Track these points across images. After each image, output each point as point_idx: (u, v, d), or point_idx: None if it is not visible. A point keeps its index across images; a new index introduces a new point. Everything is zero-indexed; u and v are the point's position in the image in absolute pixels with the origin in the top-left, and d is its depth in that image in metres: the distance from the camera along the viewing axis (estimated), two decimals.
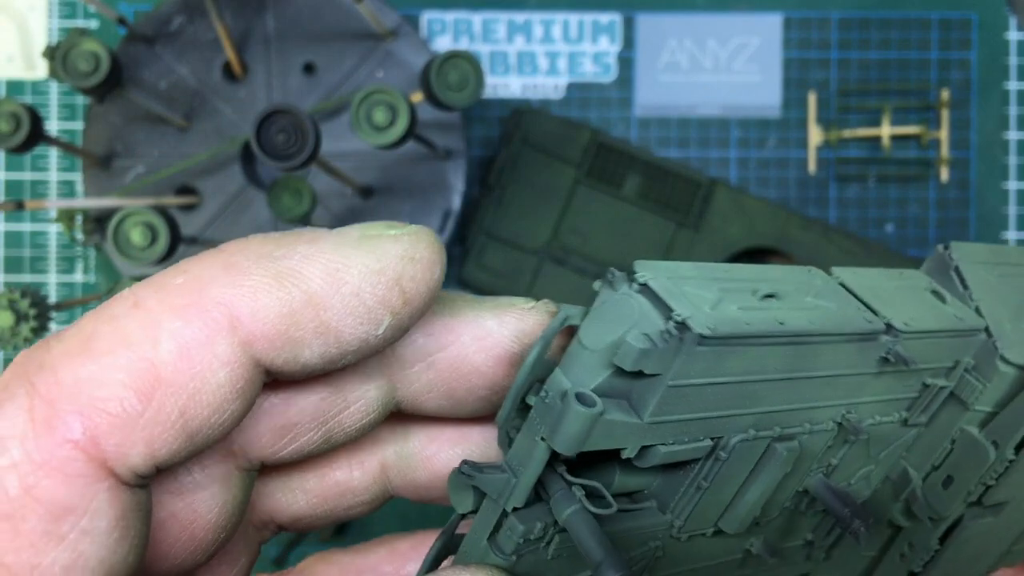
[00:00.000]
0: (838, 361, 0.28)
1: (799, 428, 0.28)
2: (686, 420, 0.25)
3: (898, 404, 0.30)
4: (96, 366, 0.19)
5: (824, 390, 0.28)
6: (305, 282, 0.20)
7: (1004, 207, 0.73)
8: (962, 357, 0.30)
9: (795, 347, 0.27)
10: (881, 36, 0.73)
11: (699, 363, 0.24)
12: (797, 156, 0.72)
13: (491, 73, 0.72)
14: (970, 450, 0.30)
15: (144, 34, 0.64)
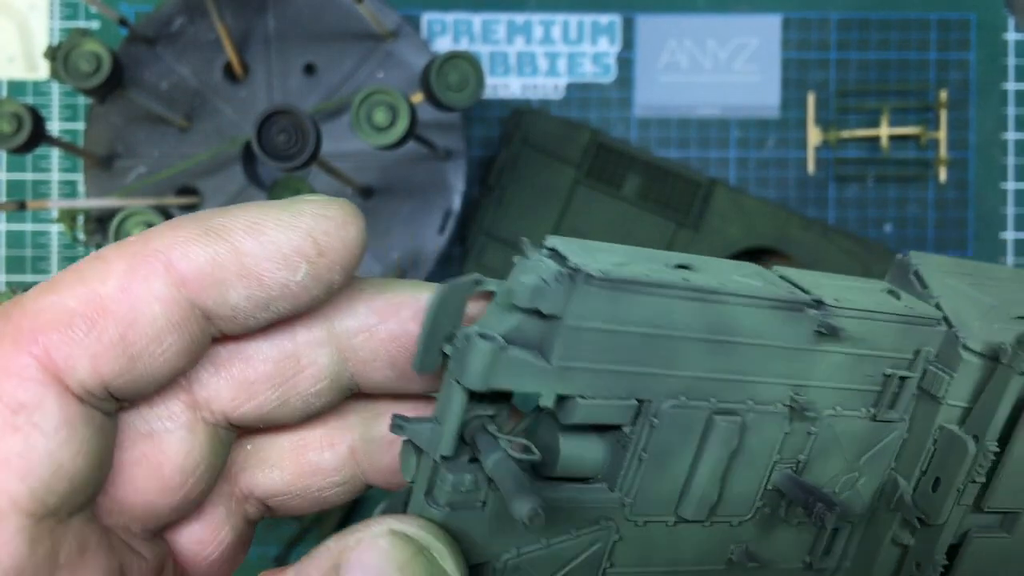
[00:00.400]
0: (764, 329, 0.28)
1: (741, 404, 0.28)
2: (599, 370, 0.26)
3: (862, 397, 0.30)
4: (55, 296, 0.23)
5: (761, 363, 0.28)
6: (228, 233, 0.24)
7: (1002, 207, 0.73)
8: (922, 347, 0.30)
9: (706, 305, 0.27)
10: (880, 37, 0.73)
11: (597, 306, 0.25)
12: (796, 156, 0.73)
13: (491, 74, 0.72)
14: (950, 446, 0.30)
15: (145, 35, 0.64)
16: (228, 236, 0.24)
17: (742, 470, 0.29)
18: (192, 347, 0.25)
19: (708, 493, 0.29)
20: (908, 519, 0.31)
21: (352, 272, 0.26)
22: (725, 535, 0.30)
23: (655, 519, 0.29)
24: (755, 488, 0.29)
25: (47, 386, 0.23)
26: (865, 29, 0.73)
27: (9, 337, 0.23)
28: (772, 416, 0.29)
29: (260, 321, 0.25)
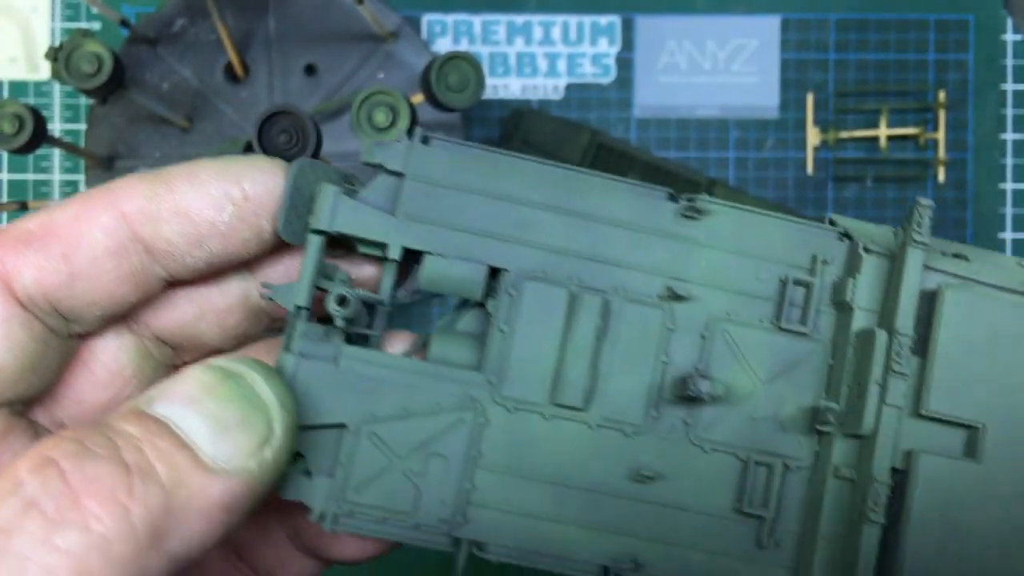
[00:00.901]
0: (618, 204, 0.28)
1: (609, 290, 0.28)
2: (446, 228, 0.28)
3: (758, 305, 0.29)
4: (22, 222, 0.27)
5: (629, 250, 0.29)
6: (168, 177, 0.28)
7: (1001, 208, 0.73)
8: (819, 254, 0.30)
9: (552, 168, 0.28)
10: (879, 37, 0.73)
11: (439, 164, 0.28)
12: (795, 157, 0.73)
13: (491, 74, 0.73)
14: (864, 343, 0.28)
15: (146, 35, 0.64)
16: (166, 180, 0.28)
17: (619, 362, 0.29)
18: (133, 278, 0.28)
19: (579, 377, 0.28)
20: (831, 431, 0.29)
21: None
22: (618, 447, 0.29)
23: (527, 407, 0.29)
24: (640, 388, 0.29)
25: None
26: (864, 30, 0.73)
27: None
28: (645, 306, 0.28)
29: (198, 260, 0.29)
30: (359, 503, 0.28)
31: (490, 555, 0.29)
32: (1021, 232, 0.73)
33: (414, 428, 0.28)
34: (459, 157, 0.29)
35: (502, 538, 0.29)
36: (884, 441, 0.27)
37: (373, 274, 0.31)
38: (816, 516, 0.28)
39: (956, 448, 0.28)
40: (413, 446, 0.28)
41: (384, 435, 0.28)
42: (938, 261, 0.29)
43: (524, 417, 0.29)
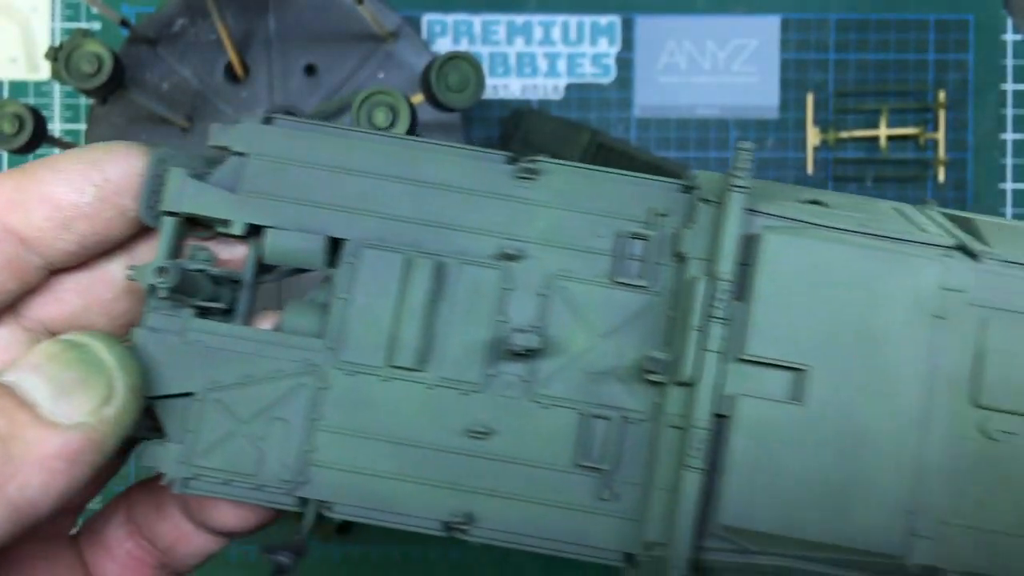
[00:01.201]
0: (455, 169, 0.29)
1: (447, 253, 0.30)
2: (287, 202, 0.30)
3: (596, 261, 0.30)
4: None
5: (466, 212, 0.29)
6: (31, 169, 0.30)
7: (1001, 208, 0.73)
8: (657, 206, 0.30)
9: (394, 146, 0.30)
10: (879, 37, 0.73)
11: (281, 144, 0.30)
12: (795, 157, 0.73)
13: (491, 74, 0.73)
14: (686, 287, 0.29)
15: (146, 35, 0.64)
16: (30, 171, 0.30)
17: (455, 323, 0.29)
18: (10, 266, 0.30)
19: (413, 338, 0.29)
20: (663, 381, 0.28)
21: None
22: (455, 405, 0.29)
23: (365, 370, 0.30)
24: (477, 348, 0.29)
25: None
26: (864, 30, 0.73)
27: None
28: (480, 267, 0.29)
29: (70, 243, 0.31)
30: (205, 467, 0.30)
31: (336, 514, 0.30)
32: None
33: (256, 394, 0.30)
34: (300, 135, 0.31)
35: (345, 497, 0.30)
36: (705, 387, 0.27)
37: (245, 253, 0.33)
38: (652, 467, 0.28)
39: (781, 392, 0.28)
40: (256, 411, 0.30)
41: (228, 401, 0.30)
42: (771, 206, 0.30)
43: (363, 380, 0.30)
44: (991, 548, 0.27)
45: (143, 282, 0.29)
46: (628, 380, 0.29)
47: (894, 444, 0.27)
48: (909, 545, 0.27)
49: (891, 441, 0.27)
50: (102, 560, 0.35)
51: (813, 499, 0.27)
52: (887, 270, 0.27)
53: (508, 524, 0.29)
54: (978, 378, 0.27)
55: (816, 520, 0.27)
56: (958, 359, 0.27)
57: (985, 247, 0.28)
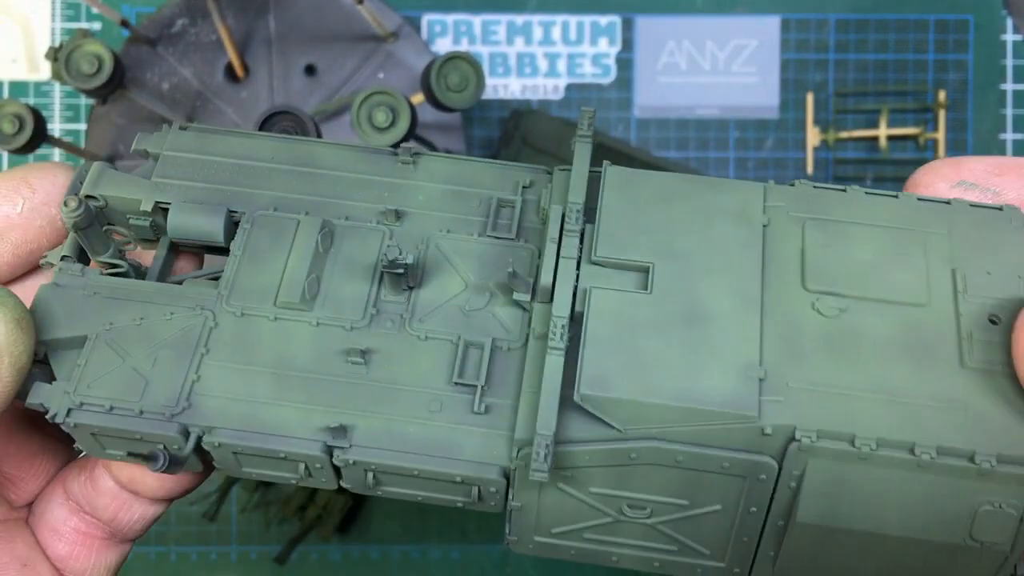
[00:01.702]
0: (346, 159, 0.35)
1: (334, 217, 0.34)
2: (192, 186, 0.35)
3: (470, 223, 0.35)
4: None
5: (353, 189, 0.35)
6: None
7: None
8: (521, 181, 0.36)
9: (291, 145, 0.35)
10: (878, 37, 0.73)
11: (189, 143, 0.36)
12: (795, 157, 0.73)
13: (491, 74, 0.73)
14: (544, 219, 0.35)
15: (147, 36, 0.65)
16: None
17: (341, 272, 0.34)
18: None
19: (300, 280, 0.33)
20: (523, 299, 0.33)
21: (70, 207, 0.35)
22: (339, 338, 0.33)
23: (255, 312, 0.33)
24: (362, 292, 0.33)
25: None
26: (863, 30, 0.73)
27: None
28: (367, 228, 0.34)
29: (4, 253, 0.34)
30: (89, 395, 0.32)
31: (217, 439, 0.31)
32: None
33: (147, 333, 0.33)
34: (209, 137, 0.36)
35: (226, 422, 0.32)
36: (562, 285, 0.32)
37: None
38: (522, 379, 0.32)
39: (630, 285, 0.32)
40: (145, 349, 0.33)
41: (119, 341, 0.33)
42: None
43: (252, 320, 0.33)
44: (836, 406, 0.30)
45: (54, 260, 0.34)
46: (498, 312, 0.33)
47: (737, 321, 0.31)
48: (759, 407, 0.30)
49: (734, 319, 0.31)
50: (53, 541, 0.37)
51: (666, 369, 0.30)
52: (718, 192, 0.34)
53: (383, 440, 0.31)
54: (804, 268, 0.33)
55: (669, 386, 0.30)
56: (786, 254, 0.33)
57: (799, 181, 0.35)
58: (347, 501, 0.70)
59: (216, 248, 0.36)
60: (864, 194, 0.34)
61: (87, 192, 0.35)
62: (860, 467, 0.30)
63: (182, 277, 0.37)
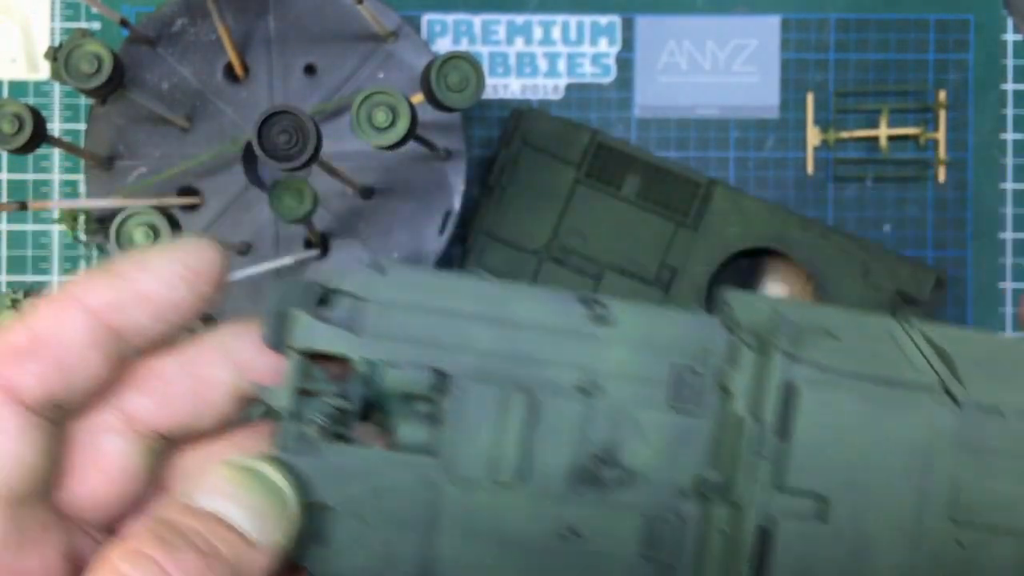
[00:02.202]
0: (539, 310, 0.35)
1: (537, 384, 0.35)
2: (400, 342, 0.34)
3: (653, 384, 0.35)
4: (8, 337, 0.31)
5: (548, 346, 0.35)
6: (124, 271, 0.33)
7: (1001, 207, 0.73)
8: (708, 346, 0.35)
9: (485, 284, 0.35)
10: (879, 37, 0.73)
11: (392, 288, 0.34)
12: (795, 157, 0.73)
13: (491, 74, 0.73)
14: (735, 427, 0.35)
15: (146, 35, 0.65)
16: (122, 273, 0.33)
17: (547, 443, 0.35)
18: (112, 361, 0.33)
19: (514, 459, 0.34)
20: (713, 497, 0.35)
21: (220, 284, 0.35)
22: (549, 511, 0.35)
23: (474, 484, 0.34)
24: (565, 464, 0.35)
25: (8, 404, 0.31)
26: (864, 30, 0.73)
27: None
28: (564, 399, 0.35)
29: (160, 332, 0.33)
30: (342, 566, 0.34)
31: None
32: (1022, 232, 0.73)
33: (382, 504, 0.34)
34: (409, 281, 0.35)
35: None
36: (750, 510, 0.34)
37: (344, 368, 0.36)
38: (702, 562, 0.35)
39: (809, 513, 0.34)
40: (383, 519, 0.34)
41: (359, 511, 0.34)
42: (805, 350, 0.35)
43: (471, 492, 0.34)
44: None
45: (276, 405, 0.34)
46: (685, 492, 0.35)
47: (893, 554, 0.34)
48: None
49: (890, 551, 0.34)
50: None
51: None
52: (890, 416, 0.35)
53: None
54: (955, 500, 0.34)
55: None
56: (940, 486, 0.34)
57: (962, 389, 0.36)
58: None
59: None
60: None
61: (296, 345, 0.34)
62: None
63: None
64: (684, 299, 0.68)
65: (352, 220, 0.65)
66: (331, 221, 0.65)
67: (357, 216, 0.65)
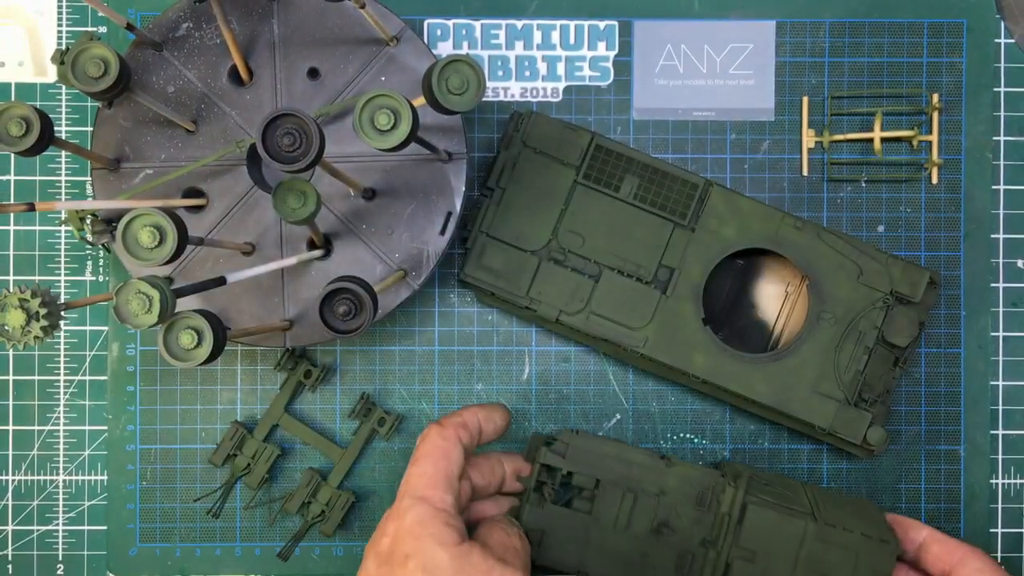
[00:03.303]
0: (639, 458, 0.67)
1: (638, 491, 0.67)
2: (581, 464, 0.67)
3: (687, 495, 0.67)
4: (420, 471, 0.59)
5: (642, 474, 0.67)
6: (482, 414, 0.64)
7: (994, 209, 0.74)
8: (716, 481, 0.68)
9: (616, 443, 0.68)
10: (873, 41, 0.74)
11: (581, 442, 0.68)
12: (791, 159, 0.74)
13: (491, 77, 0.74)
14: (721, 516, 0.67)
15: (152, 39, 0.65)
16: (491, 416, 0.64)
17: (639, 516, 0.66)
18: (464, 460, 0.61)
19: (624, 521, 0.66)
20: (708, 547, 0.66)
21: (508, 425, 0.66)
22: (637, 546, 0.66)
23: (606, 531, 0.66)
24: (646, 526, 0.66)
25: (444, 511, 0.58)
26: (858, 33, 0.74)
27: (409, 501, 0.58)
28: (648, 496, 0.67)
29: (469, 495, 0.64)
30: (550, 558, 0.67)
31: None
32: (1013, 233, 0.74)
33: (567, 534, 0.66)
34: (588, 438, 0.68)
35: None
36: (724, 555, 0.66)
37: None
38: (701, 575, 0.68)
39: (747, 558, 0.66)
40: (566, 538, 0.66)
41: (557, 535, 0.66)
42: (753, 490, 0.67)
43: (605, 533, 0.67)
44: None
45: (527, 485, 0.67)
46: (696, 544, 0.67)
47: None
48: None
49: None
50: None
51: None
52: (786, 523, 0.66)
53: None
54: (809, 559, 0.65)
55: None
56: (804, 553, 0.65)
57: (820, 514, 0.68)
58: (349, 498, 0.71)
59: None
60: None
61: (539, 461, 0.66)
62: None
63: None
64: (682, 298, 0.69)
65: (355, 221, 0.65)
66: (334, 222, 0.66)
67: (359, 217, 0.65)
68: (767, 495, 0.65)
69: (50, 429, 0.73)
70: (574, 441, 0.66)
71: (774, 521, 0.64)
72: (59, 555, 0.73)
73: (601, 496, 0.65)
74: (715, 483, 0.66)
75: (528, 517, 0.65)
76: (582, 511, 0.66)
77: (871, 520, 0.66)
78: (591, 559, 0.65)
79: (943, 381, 0.74)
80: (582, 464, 0.66)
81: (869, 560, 0.64)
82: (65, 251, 0.73)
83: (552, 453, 0.65)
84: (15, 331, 0.54)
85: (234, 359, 0.73)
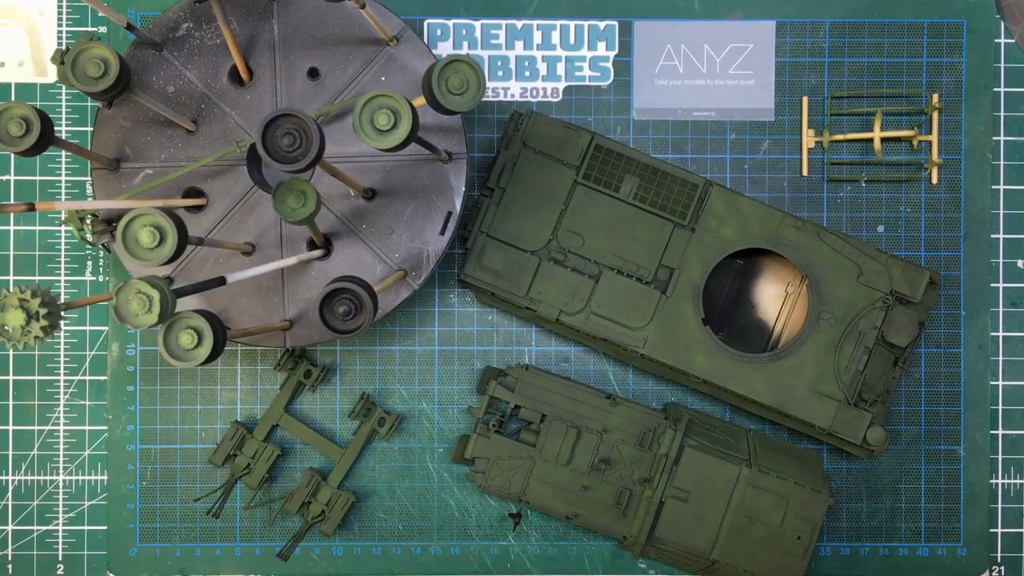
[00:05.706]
0: (586, 397, 0.71)
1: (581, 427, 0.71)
2: (528, 399, 0.70)
3: (630, 434, 0.70)
4: None
5: (589, 412, 0.71)
6: None
7: (994, 208, 0.74)
8: (659, 423, 0.70)
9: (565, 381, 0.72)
10: (873, 41, 0.74)
11: (530, 378, 0.71)
12: (790, 158, 0.74)
13: (491, 77, 0.74)
14: (659, 456, 0.70)
15: (152, 39, 0.65)
16: None
17: (582, 452, 0.70)
18: None
19: (566, 455, 0.70)
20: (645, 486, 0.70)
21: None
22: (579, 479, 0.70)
23: (549, 463, 0.70)
24: (587, 460, 0.70)
25: None
26: (858, 33, 0.74)
27: None
28: (592, 433, 0.71)
29: None
30: (489, 482, 0.71)
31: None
32: (1013, 233, 0.74)
33: (509, 464, 0.71)
34: (537, 374, 0.72)
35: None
36: (659, 492, 0.69)
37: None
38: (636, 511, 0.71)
39: (681, 497, 0.69)
40: (507, 469, 0.71)
41: (498, 463, 0.71)
42: (693, 432, 0.70)
43: (547, 465, 0.71)
44: None
45: (477, 416, 0.72)
46: (635, 481, 0.71)
47: (714, 521, 0.70)
48: None
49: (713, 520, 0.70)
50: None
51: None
52: (720, 467, 0.70)
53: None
54: (741, 504, 0.69)
55: None
56: (737, 497, 0.69)
57: (756, 460, 0.71)
58: (349, 498, 0.71)
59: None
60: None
61: (488, 393, 0.71)
62: None
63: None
64: (682, 298, 0.69)
65: (355, 220, 0.66)
66: (334, 222, 0.66)
67: (359, 217, 0.66)
68: (706, 439, 0.69)
69: (50, 429, 0.73)
70: (524, 376, 0.70)
71: (709, 464, 0.68)
72: (59, 555, 0.73)
73: (546, 430, 0.69)
74: (657, 424, 0.70)
75: (475, 446, 0.70)
76: (527, 443, 0.70)
77: (810, 471, 0.69)
78: (533, 489, 0.69)
79: (943, 381, 0.74)
80: (530, 399, 0.70)
81: (799, 507, 0.67)
82: (65, 251, 0.73)
83: (501, 387, 0.70)
84: (15, 331, 0.54)
85: (234, 359, 0.73)
